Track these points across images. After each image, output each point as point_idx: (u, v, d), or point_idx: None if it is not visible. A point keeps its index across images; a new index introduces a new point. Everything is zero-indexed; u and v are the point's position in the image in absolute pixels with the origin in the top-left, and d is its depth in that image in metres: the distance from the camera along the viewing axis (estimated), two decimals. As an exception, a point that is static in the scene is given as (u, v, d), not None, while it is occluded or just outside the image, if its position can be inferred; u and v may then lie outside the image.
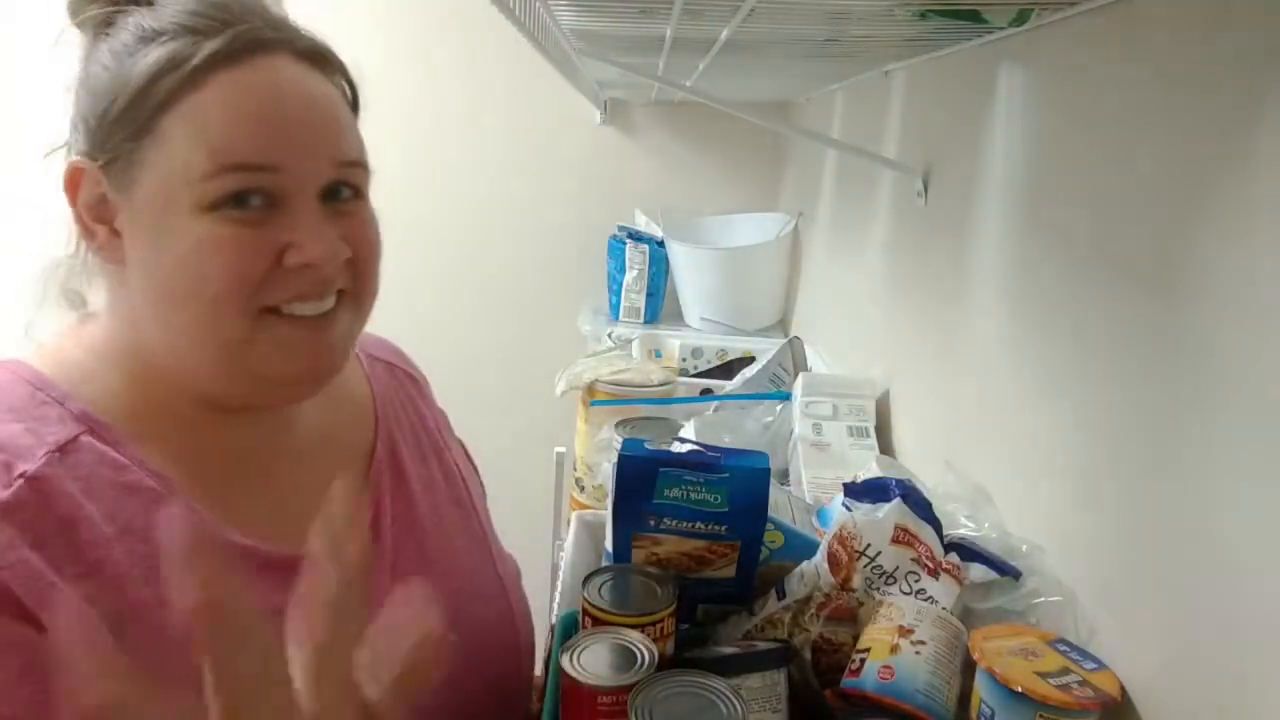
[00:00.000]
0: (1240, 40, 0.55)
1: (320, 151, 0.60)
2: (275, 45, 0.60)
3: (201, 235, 0.57)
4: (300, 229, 0.59)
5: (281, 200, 0.59)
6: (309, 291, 0.60)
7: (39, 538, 0.52)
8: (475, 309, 2.45)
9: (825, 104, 1.84)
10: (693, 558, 0.73)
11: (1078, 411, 0.72)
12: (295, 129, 0.59)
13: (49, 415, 0.58)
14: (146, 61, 0.57)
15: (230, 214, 0.57)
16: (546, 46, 1.13)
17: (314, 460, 0.69)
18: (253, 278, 0.58)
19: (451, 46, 2.29)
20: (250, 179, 0.57)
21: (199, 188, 0.57)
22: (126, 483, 0.57)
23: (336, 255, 0.60)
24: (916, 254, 1.19)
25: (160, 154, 0.57)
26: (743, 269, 2.06)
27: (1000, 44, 0.91)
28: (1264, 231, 0.51)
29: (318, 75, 0.62)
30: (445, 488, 0.78)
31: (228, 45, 0.58)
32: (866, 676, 0.65)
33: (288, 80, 0.60)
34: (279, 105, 0.59)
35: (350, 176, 0.63)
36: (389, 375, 0.81)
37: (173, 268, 0.58)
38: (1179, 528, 0.58)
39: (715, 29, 0.94)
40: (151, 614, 0.55)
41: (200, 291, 0.58)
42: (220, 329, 0.59)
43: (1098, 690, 0.58)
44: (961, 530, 0.81)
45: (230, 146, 0.57)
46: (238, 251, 0.57)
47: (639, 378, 1.37)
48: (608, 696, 0.59)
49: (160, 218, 0.58)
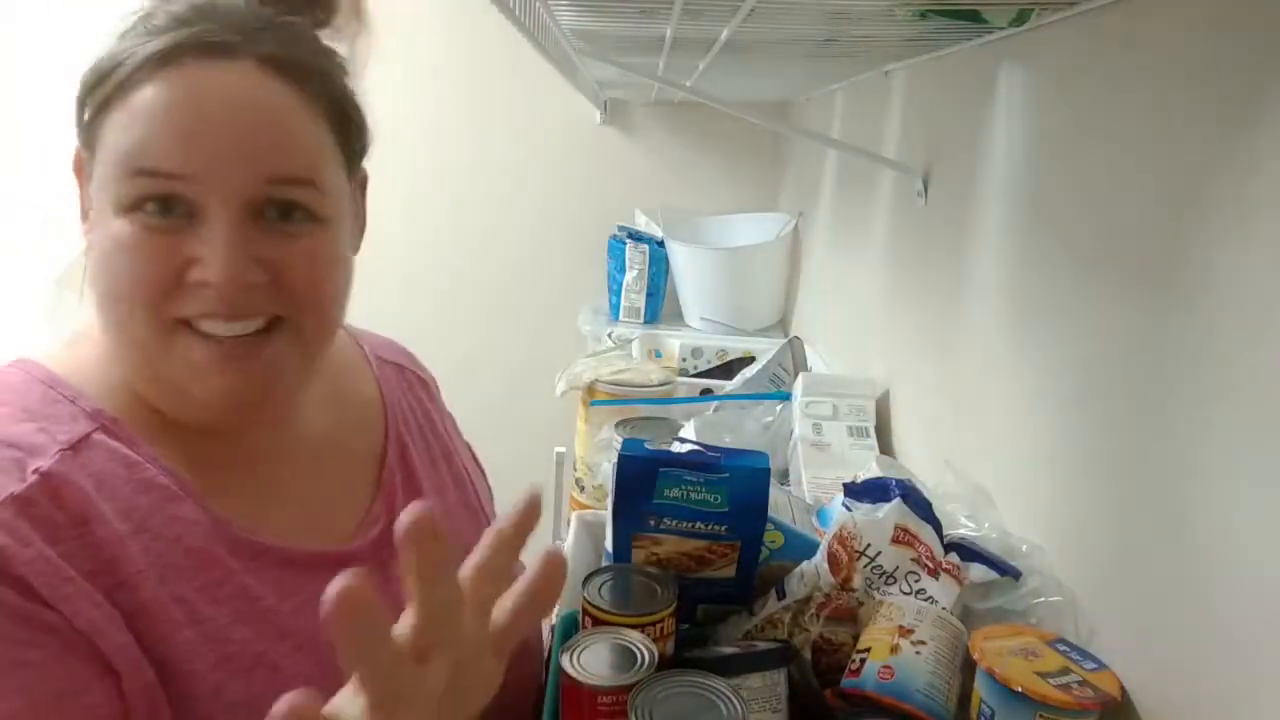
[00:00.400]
0: (1240, 40, 0.55)
1: (245, 165, 0.57)
2: (230, 50, 0.57)
3: (115, 236, 0.57)
4: (207, 245, 0.56)
5: (198, 212, 0.57)
6: (216, 310, 0.57)
7: (53, 533, 0.52)
8: (475, 309, 2.45)
9: (825, 104, 1.84)
10: (693, 558, 0.73)
11: (1078, 411, 0.72)
12: (215, 138, 0.56)
13: (61, 413, 0.58)
14: (103, 56, 0.58)
15: (144, 219, 0.56)
16: (546, 46, 1.13)
17: (320, 461, 0.70)
18: (155, 285, 0.57)
19: (451, 46, 2.29)
20: (158, 185, 0.56)
21: (114, 189, 0.57)
22: (140, 480, 0.58)
23: (241, 277, 0.57)
24: (916, 254, 1.19)
25: (101, 150, 0.58)
26: (743, 269, 2.06)
27: (1000, 44, 0.91)
28: (1264, 231, 0.51)
29: (279, 84, 0.58)
30: (455, 491, 0.78)
31: (166, 48, 0.56)
32: (866, 676, 0.65)
33: (221, 86, 0.57)
34: (201, 112, 0.56)
35: (287, 194, 0.58)
36: (399, 377, 0.81)
37: (97, 266, 0.58)
38: (1179, 527, 0.58)
39: (715, 29, 0.94)
40: (167, 612, 0.55)
41: (113, 291, 0.58)
42: (132, 332, 0.58)
43: (1098, 690, 0.58)
44: (961, 530, 0.81)
45: (142, 151, 0.56)
46: (140, 256, 0.56)
47: (639, 378, 1.37)
48: (608, 696, 0.59)
49: (98, 215, 0.59)
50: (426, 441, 0.79)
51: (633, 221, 2.28)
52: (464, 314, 2.44)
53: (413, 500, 0.72)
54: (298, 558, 0.62)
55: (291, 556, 0.62)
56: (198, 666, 0.55)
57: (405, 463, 0.75)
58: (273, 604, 0.60)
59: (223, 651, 0.56)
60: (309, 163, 0.60)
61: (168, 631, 0.55)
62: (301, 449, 0.69)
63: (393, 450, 0.74)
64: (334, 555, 0.64)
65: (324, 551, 0.64)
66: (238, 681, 0.56)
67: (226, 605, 0.58)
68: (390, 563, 0.67)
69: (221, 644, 0.56)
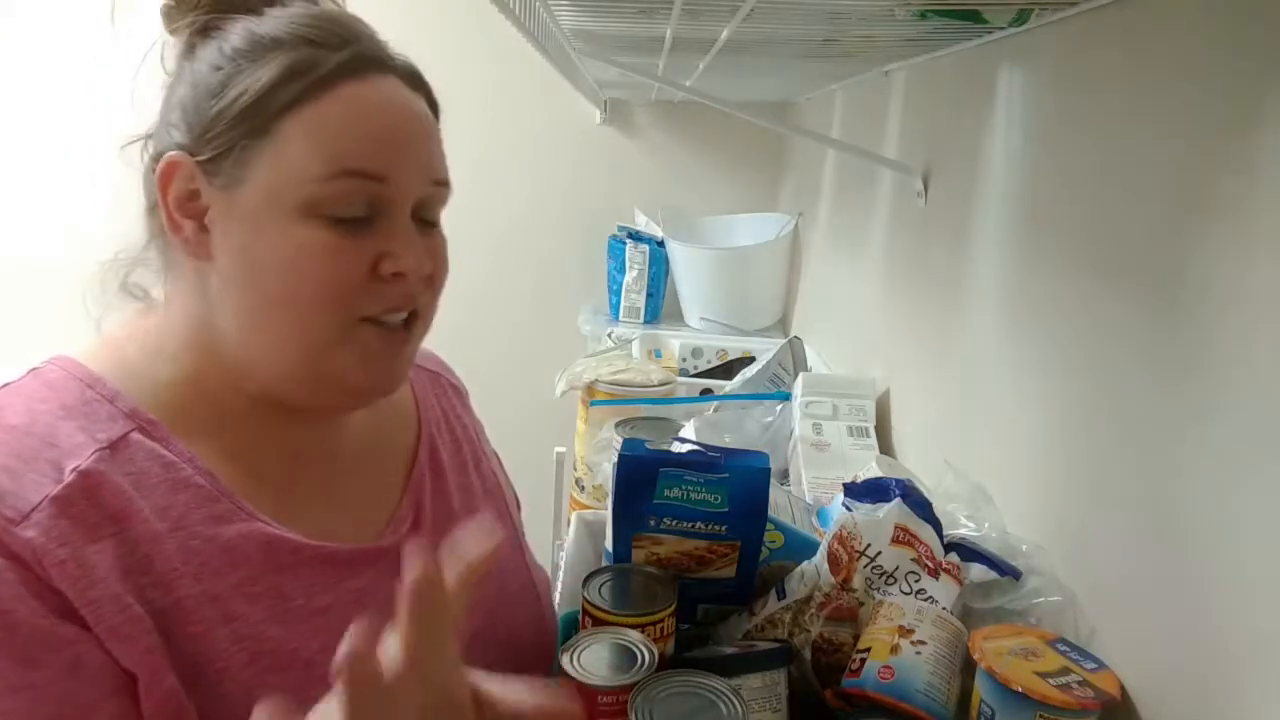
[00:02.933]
0: (1240, 40, 0.55)
1: (421, 168, 0.63)
2: (386, 65, 0.63)
3: (302, 239, 0.58)
4: (396, 239, 0.61)
5: (382, 211, 0.61)
6: (400, 304, 0.63)
7: (90, 531, 0.53)
8: (475, 309, 2.44)
9: (825, 104, 1.84)
10: (693, 558, 0.73)
11: (1078, 411, 0.72)
12: (405, 144, 0.62)
13: (99, 413, 0.58)
14: (270, 67, 0.59)
15: (332, 221, 0.59)
16: (546, 46, 1.13)
17: (359, 461, 0.71)
18: (349, 285, 0.60)
19: (451, 46, 2.29)
20: (363, 186, 0.59)
21: (310, 189, 0.58)
22: (176, 479, 0.58)
23: (423, 267, 0.63)
24: (916, 254, 1.19)
25: (275, 155, 0.59)
26: (743, 269, 2.06)
27: (1000, 44, 0.91)
28: (1264, 232, 0.51)
29: (418, 96, 0.65)
30: (483, 495, 0.79)
31: (352, 59, 0.60)
32: (867, 676, 0.65)
33: (401, 98, 0.63)
34: (394, 120, 0.62)
35: (439, 195, 0.65)
36: (433, 384, 0.83)
37: (269, 268, 0.59)
38: (1179, 527, 0.58)
39: (715, 29, 0.94)
40: (201, 610, 0.56)
41: (297, 294, 0.59)
42: (309, 333, 0.60)
43: (1098, 690, 0.58)
44: (961, 530, 0.81)
45: (349, 153, 0.59)
46: (336, 258, 0.59)
47: (639, 378, 1.37)
48: (608, 696, 0.60)
49: (260, 218, 0.59)
50: (457, 446, 0.80)
51: (633, 221, 2.29)
52: (463, 314, 2.41)
53: (440, 501, 0.73)
54: (330, 555, 0.63)
55: (325, 554, 0.63)
56: (230, 664, 0.56)
57: (435, 464, 0.76)
58: (305, 603, 0.61)
59: (256, 650, 0.57)
60: (445, 166, 0.66)
61: (200, 630, 0.55)
62: (343, 448, 0.70)
63: (424, 451, 0.75)
64: (366, 552, 0.65)
65: (356, 549, 0.65)
66: (270, 679, 0.57)
67: (259, 604, 0.58)
68: None
69: (255, 642, 0.57)
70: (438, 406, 0.81)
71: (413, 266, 0.61)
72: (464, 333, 2.41)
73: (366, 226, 0.60)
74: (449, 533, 0.72)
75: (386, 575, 0.66)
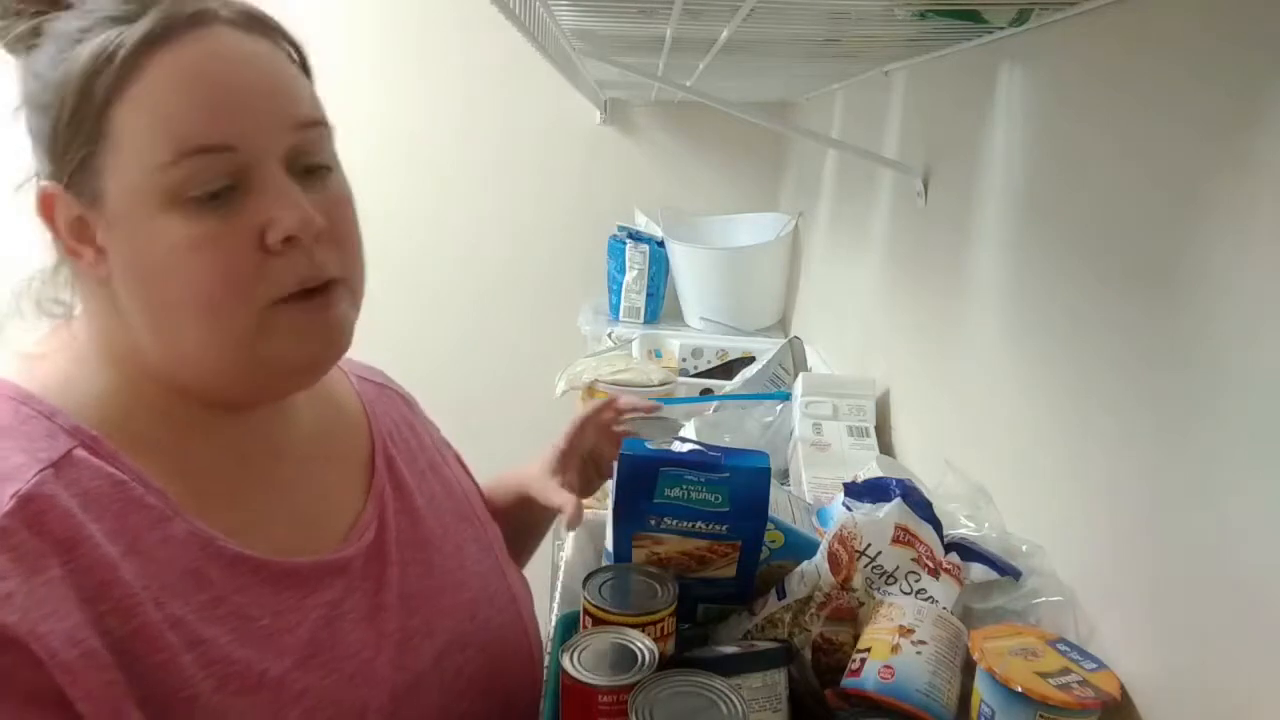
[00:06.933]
0: (1240, 40, 0.55)
1: (276, 118, 0.57)
2: (206, 17, 0.56)
3: (177, 236, 0.54)
4: (274, 203, 0.56)
5: (247, 177, 0.56)
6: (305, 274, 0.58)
7: (35, 564, 0.49)
8: (475, 309, 2.45)
9: (825, 104, 1.84)
10: (693, 557, 0.73)
11: (1078, 411, 0.72)
12: (247, 98, 0.56)
13: (37, 430, 0.54)
14: (78, 62, 0.54)
15: (198, 204, 0.54)
16: (546, 46, 1.13)
17: (311, 462, 0.68)
18: (240, 271, 0.56)
19: (451, 46, 2.29)
20: (213, 161, 0.54)
21: (160, 180, 0.54)
22: (128, 499, 0.55)
23: (312, 221, 0.57)
24: (916, 254, 1.19)
25: (116, 155, 0.54)
26: (743, 269, 2.06)
27: (1000, 44, 0.91)
28: (1264, 231, 0.51)
29: (257, 39, 0.58)
30: (447, 501, 0.78)
31: (157, 25, 0.54)
32: (867, 676, 0.65)
33: (227, 49, 0.56)
34: (224, 78, 0.55)
35: (312, 138, 0.59)
36: (379, 394, 0.81)
37: (159, 274, 0.55)
38: (1179, 527, 0.58)
39: (715, 29, 0.94)
40: (164, 637, 0.52)
41: (195, 296, 0.55)
42: (224, 328, 0.57)
43: (1098, 690, 0.58)
44: (961, 530, 0.81)
45: (185, 130, 0.54)
46: (216, 246, 0.55)
47: (639, 378, 1.38)
48: (608, 696, 0.59)
49: (132, 224, 0.55)
50: (413, 454, 0.78)
51: (633, 221, 2.28)
52: (464, 313, 2.44)
53: (404, 507, 0.73)
54: (294, 570, 0.61)
55: (288, 570, 0.60)
56: (199, 691, 0.53)
57: (394, 473, 0.74)
58: (270, 622, 0.58)
59: (224, 674, 0.54)
60: (314, 104, 0.61)
61: (165, 658, 0.52)
62: (291, 448, 0.67)
63: (380, 459, 0.73)
64: (327, 564, 0.63)
65: (318, 561, 0.63)
66: (241, 702, 0.54)
67: (224, 625, 0.55)
68: (383, 570, 0.67)
69: (222, 665, 0.54)
70: (388, 417, 0.79)
71: (299, 225, 0.56)
72: (464, 332, 2.43)
73: (239, 197, 0.55)
74: (414, 539, 0.72)
75: (357, 582, 0.65)
